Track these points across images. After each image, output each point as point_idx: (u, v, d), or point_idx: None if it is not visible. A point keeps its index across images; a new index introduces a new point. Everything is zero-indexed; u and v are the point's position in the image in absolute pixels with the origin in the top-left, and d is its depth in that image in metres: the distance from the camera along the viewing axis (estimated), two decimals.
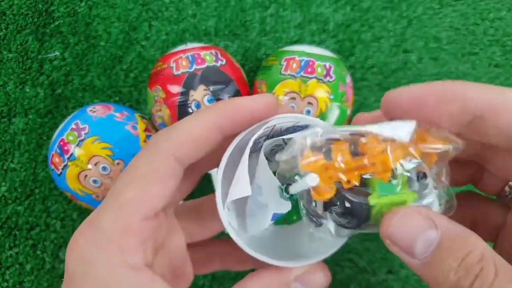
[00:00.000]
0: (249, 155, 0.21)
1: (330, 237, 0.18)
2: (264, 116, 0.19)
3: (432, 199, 0.16)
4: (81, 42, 0.47)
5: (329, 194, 0.16)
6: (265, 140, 0.20)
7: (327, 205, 0.17)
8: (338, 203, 0.17)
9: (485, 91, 0.16)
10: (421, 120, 0.17)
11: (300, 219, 0.21)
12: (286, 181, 0.20)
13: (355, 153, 0.17)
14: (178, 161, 0.18)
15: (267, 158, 0.21)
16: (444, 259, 0.14)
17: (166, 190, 0.18)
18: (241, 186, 0.17)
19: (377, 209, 0.16)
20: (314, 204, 0.17)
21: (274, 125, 0.19)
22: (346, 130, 0.18)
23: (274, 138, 0.20)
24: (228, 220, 0.18)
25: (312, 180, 0.16)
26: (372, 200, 0.16)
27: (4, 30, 0.47)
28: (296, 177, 0.18)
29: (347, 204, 0.16)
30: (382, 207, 0.16)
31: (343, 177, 0.16)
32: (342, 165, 0.16)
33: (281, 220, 0.21)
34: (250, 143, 0.18)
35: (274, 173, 0.22)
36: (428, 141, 0.16)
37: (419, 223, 0.15)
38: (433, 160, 0.17)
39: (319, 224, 0.18)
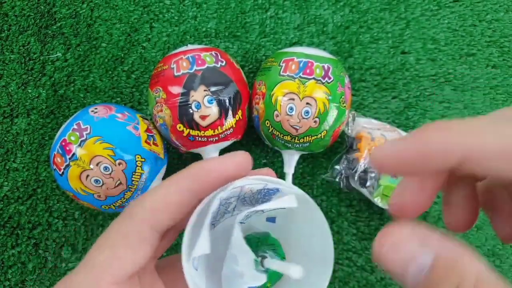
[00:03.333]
0: (227, 219, 0.21)
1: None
2: (236, 175, 0.19)
3: None
4: (83, 44, 0.47)
5: None
6: (237, 201, 0.21)
7: None
8: None
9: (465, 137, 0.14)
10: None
11: (273, 285, 0.22)
12: (261, 254, 0.21)
13: None
14: (153, 228, 0.18)
15: (241, 223, 0.22)
16: (438, 286, 0.13)
17: (137, 256, 0.18)
18: (201, 244, 0.18)
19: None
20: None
21: (242, 186, 0.19)
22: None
23: (249, 211, 0.20)
24: (191, 277, 0.18)
25: (295, 272, 0.18)
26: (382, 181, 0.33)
27: (6, 31, 0.48)
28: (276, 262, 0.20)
29: None
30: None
31: None
32: None
33: None
34: (213, 207, 0.18)
35: (250, 238, 0.22)
36: None
37: (412, 249, 0.14)
38: None
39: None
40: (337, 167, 0.43)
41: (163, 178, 0.40)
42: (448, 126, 0.14)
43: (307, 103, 0.36)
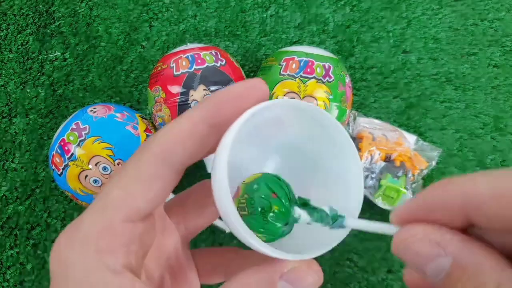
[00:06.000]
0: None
1: None
2: (255, 103, 0.17)
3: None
4: (82, 43, 0.47)
5: None
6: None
7: None
8: None
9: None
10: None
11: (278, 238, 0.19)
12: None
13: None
14: (165, 162, 0.17)
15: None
16: None
17: (150, 193, 0.17)
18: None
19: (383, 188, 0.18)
20: None
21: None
22: None
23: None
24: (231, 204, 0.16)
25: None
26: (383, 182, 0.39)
27: (5, 31, 0.47)
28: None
29: None
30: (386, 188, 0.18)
31: None
32: None
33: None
34: (241, 122, 0.17)
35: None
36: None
37: (427, 250, 0.14)
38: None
39: None
40: None
41: None
42: (450, 180, 0.15)
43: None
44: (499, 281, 0.13)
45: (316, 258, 0.18)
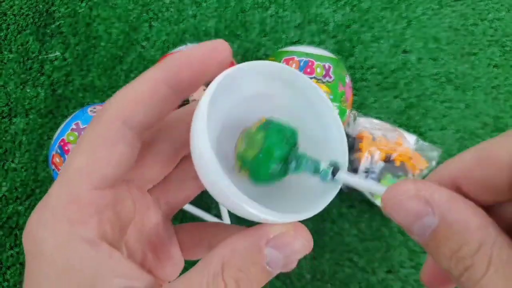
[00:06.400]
0: None
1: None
2: (219, 65, 0.17)
3: None
4: (82, 43, 0.47)
5: None
6: None
7: None
8: None
9: None
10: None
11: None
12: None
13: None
14: (126, 124, 0.16)
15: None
16: (439, 246, 0.14)
17: (114, 157, 0.16)
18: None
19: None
20: None
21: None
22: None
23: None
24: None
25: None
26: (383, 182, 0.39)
27: (5, 31, 0.47)
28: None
29: None
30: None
31: None
32: None
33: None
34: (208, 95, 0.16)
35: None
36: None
37: (416, 208, 0.14)
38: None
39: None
40: None
41: None
42: (441, 165, 0.16)
43: None
44: (482, 240, 0.13)
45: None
